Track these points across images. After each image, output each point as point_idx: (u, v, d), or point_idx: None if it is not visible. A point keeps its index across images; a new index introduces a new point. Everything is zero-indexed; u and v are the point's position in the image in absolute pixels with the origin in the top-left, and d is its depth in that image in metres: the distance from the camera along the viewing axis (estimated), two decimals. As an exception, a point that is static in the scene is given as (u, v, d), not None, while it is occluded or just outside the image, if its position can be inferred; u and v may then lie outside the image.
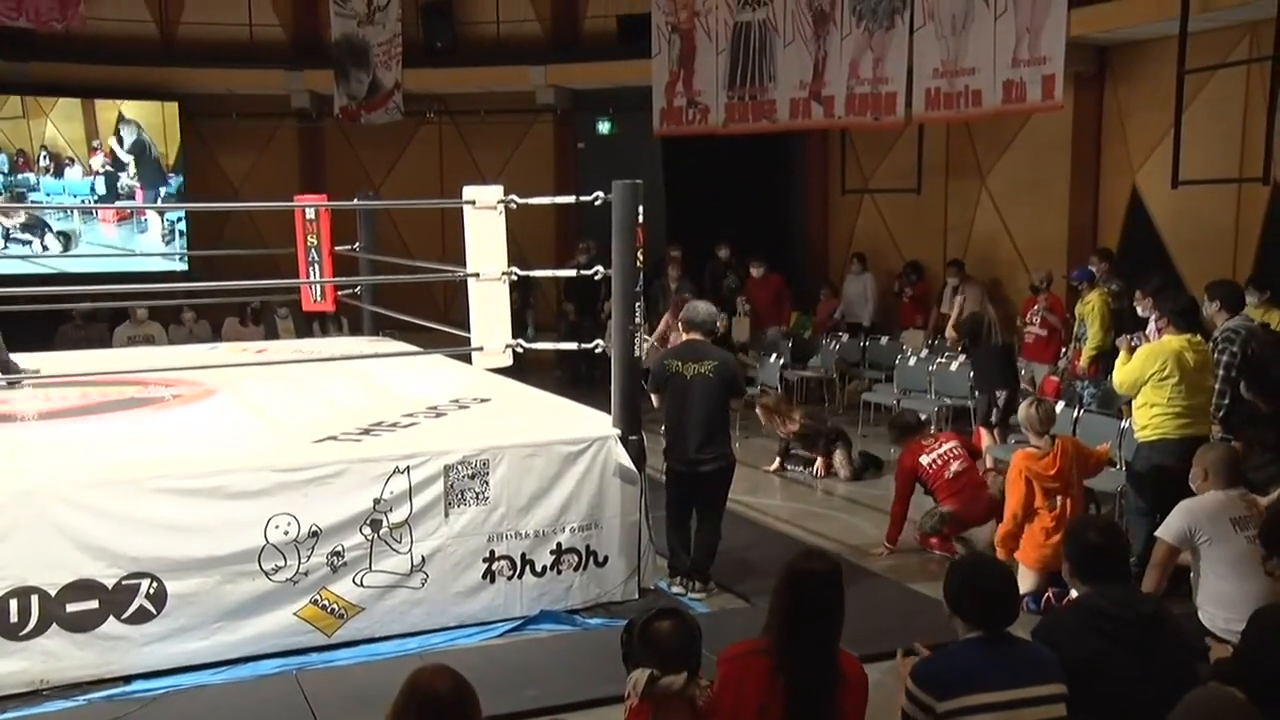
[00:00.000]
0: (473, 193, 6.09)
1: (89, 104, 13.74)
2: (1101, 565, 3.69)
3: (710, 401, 6.04)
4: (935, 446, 7.02)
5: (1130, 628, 3.51)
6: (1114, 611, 3.54)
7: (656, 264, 12.16)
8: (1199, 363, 6.15)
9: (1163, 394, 6.08)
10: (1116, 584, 3.68)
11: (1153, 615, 3.58)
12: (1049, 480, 6.08)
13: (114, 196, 13.78)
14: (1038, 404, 6.34)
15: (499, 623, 5.60)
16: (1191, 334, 6.21)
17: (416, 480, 5.40)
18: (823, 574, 3.32)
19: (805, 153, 14.02)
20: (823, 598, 3.28)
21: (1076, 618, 3.61)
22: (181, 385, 7.15)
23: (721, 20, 12.50)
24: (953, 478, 6.88)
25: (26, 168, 13.48)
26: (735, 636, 3.61)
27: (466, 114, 14.84)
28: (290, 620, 5.21)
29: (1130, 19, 9.68)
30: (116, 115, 13.86)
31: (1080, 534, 3.81)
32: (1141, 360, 6.17)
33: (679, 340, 9.61)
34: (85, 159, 13.68)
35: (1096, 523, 4.02)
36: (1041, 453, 6.15)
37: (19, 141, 13.47)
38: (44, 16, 12.97)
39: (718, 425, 6.10)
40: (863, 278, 12.72)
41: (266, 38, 14.40)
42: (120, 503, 4.94)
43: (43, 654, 4.81)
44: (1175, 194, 9.59)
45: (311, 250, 8.72)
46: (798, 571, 3.33)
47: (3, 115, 13.37)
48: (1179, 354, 6.08)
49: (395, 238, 13.37)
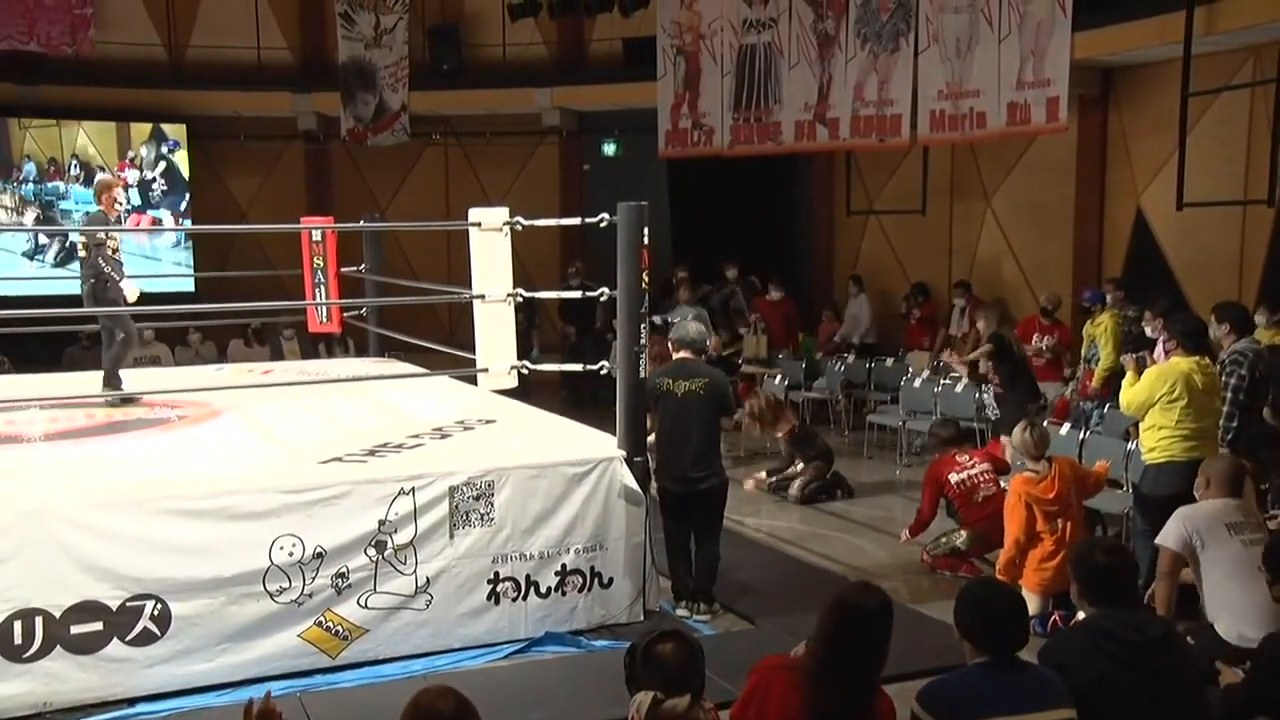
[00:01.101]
0: (478, 214, 6.10)
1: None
2: (1110, 587, 3.67)
3: (702, 419, 6.03)
4: (967, 466, 7.03)
5: (1138, 650, 3.48)
6: (1122, 634, 3.51)
7: (664, 285, 12.20)
8: (1207, 385, 6.12)
9: (1170, 416, 6.05)
10: (1125, 606, 3.65)
11: (1161, 638, 3.55)
12: (1048, 504, 6.05)
13: (145, 206, 13.85)
14: (1031, 427, 6.30)
15: (504, 644, 5.58)
16: (1200, 356, 6.19)
17: (421, 501, 5.39)
18: (873, 613, 3.23)
19: (810, 174, 14.06)
20: (870, 637, 3.21)
21: (1083, 640, 3.58)
22: (187, 406, 7.15)
23: (726, 43, 12.57)
24: (981, 502, 6.90)
25: (57, 176, 13.57)
26: (740, 658, 3.60)
27: (472, 135, 14.91)
28: (294, 642, 5.19)
29: (1134, 42, 9.72)
30: (150, 128, 13.96)
31: (1088, 556, 3.78)
32: (1150, 382, 6.15)
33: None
34: (114, 170, 13.76)
35: (1104, 544, 3.98)
36: (1039, 476, 6.12)
37: (50, 150, 13.57)
38: (55, 41, 13.10)
39: (709, 443, 6.09)
40: (859, 299, 12.76)
41: (274, 60, 14.50)
42: (125, 523, 4.94)
43: (46, 676, 4.80)
44: (1180, 216, 9.60)
45: (318, 272, 8.73)
46: (847, 606, 3.25)
47: (36, 124, 13.48)
48: (1188, 376, 6.06)
49: (401, 259, 13.41)
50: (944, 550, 6.92)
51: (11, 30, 12.92)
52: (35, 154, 13.55)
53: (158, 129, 14.04)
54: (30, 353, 10.94)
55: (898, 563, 7.17)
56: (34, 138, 13.50)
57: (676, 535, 6.16)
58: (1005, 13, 10.12)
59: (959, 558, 6.92)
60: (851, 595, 3.30)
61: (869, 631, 3.21)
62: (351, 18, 14.10)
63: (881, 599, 3.29)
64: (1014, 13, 10.04)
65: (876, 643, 3.23)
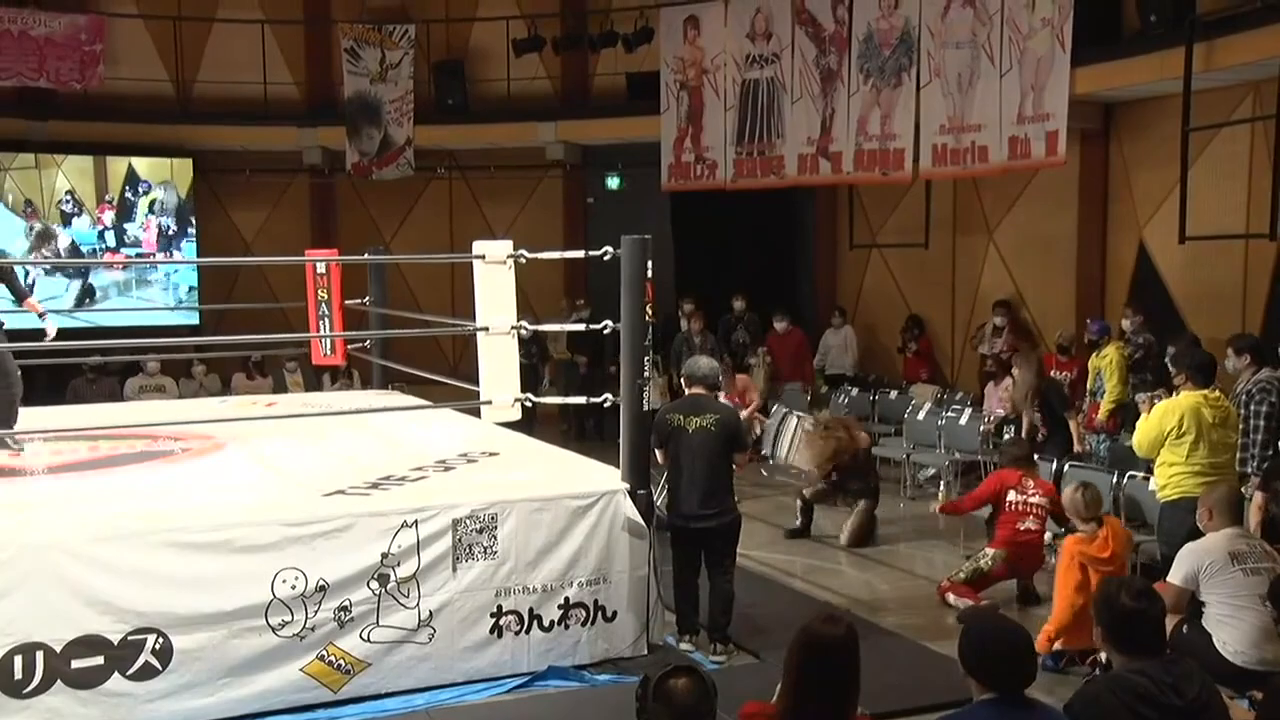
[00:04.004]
0: (482, 247, 6.13)
1: (100, 158, 13.89)
2: (1136, 632, 3.48)
3: (712, 456, 5.95)
4: (1026, 492, 7.00)
5: (1175, 716, 3.31)
6: (1160, 697, 3.32)
7: (667, 319, 12.22)
8: (1219, 418, 6.02)
9: (1180, 452, 5.98)
10: (1152, 654, 3.45)
11: (1197, 698, 3.36)
12: (1103, 564, 5.82)
13: (120, 247, 13.86)
14: (1084, 489, 6.10)
15: (507, 678, 5.54)
16: (1209, 389, 6.12)
17: (424, 534, 5.37)
18: (837, 640, 3.21)
19: (813, 208, 14.10)
20: (836, 665, 3.19)
21: (1117, 698, 3.35)
22: (191, 439, 7.15)
23: (729, 78, 12.67)
24: (1022, 530, 6.88)
25: (34, 218, 13.58)
26: (746, 694, 3.56)
27: (477, 169, 14.99)
28: (296, 676, 5.16)
29: (1134, 77, 9.78)
30: (126, 168, 14.00)
31: (1114, 598, 3.54)
32: (1158, 418, 6.09)
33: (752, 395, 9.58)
34: (94, 211, 13.81)
35: (1129, 585, 3.66)
36: (1091, 536, 5.95)
37: (29, 192, 13.60)
38: (64, 77, 13.22)
39: (720, 480, 6.00)
40: (842, 330, 12.78)
41: (280, 95, 14.61)
42: (127, 556, 4.92)
43: (47, 712, 4.76)
44: (1182, 249, 9.62)
45: (322, 304, 8.76)
46: (811, 636, 3.23)
47: (15, 165, 13.51)
48: (1196, 410, 5.99)
49: (405, 292, 13.43)
50: (967, 574, 6.86)
51: (21, 66, 13.04)
52: (15, 195, 13.46)
53: (131, 171, 14.01)
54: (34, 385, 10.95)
55: (904, 596, 7.13)
56: (14, 180, 13.43)
57: (683, 572, 6.06)
58: (1006, 48, 10.21)
59: (978, 582, 6.86)
60: (814, 625, 3.28)
61: (833, 661, 3.19)
62: (357, 53, 14.23)
63: (845, 627, 3.27)
64: (1015, 48, 10.13)
65: (843, 674, 3.20)
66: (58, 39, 13.15)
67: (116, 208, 13.96)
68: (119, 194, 13.97)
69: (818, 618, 3.37)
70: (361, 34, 14.25)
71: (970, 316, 12.23)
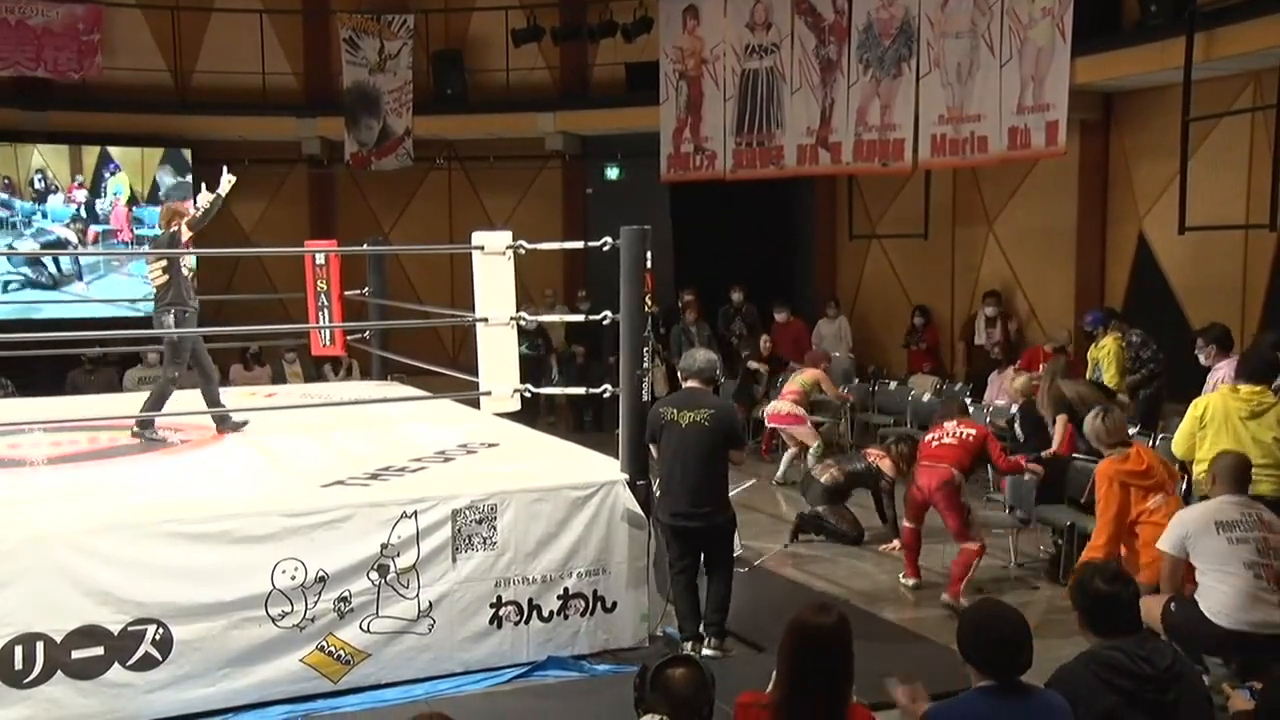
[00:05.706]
0: (482, 238, 6.13)
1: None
2: (1110, 615, 3.58)
3: (705, 452, 5.65)
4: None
5: (1149, 684, 3.43)
6: (1131, 667, 3.44)
7: (668, 309, 12.22)
8: (1247, 413, 5.82)
9: (1203, 448, 5.85)
10: (1127, 635, 3.56)
11: (1169, 669, 3.49)
12: (1142, 478, 5.46)
13: (93, 220, 13.86)
14: (1105, 414, 5.73)
15: (506, 669, 5.55)
16: (1258, 385, 5.86)
17: (424, 525, 5.38)
18: (829, 630, 3.23)
19: (813, 198, 14.10)
20: (829, 655, 3.21)
21: (1093, 672, 3.49)
22: (190, 430, 7.16)
23: (729, 68, 12.64)
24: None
25: (13, 193, 13.55)
26: (744, 684, 3.58)
27: (476, 160, 14.97)
28: (296, 666, 5.17)
29: (1134, 67, 9.77)
30: (98, 154, 13.95)
31: (1087, 583, 3.65)
32: (1188, 414, 5.99)
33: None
34: (65, 190, 13.78)
35: (1104, 570, 3.74)
36: (1124, 456, 5.56)
37: (5, 169, 13.56)
38: (62, 67, 13.21)
39: (713, 478, 5.71)
40: (837, 320, 12.78)
41: (279, 86, 14.58)
42: (127, 548, 4.93)
43: (47, 702, 4.77)
44: (1182, 240, 9.62)
45: (321, 295, 8.77)
46: (802, 626, 3.25)
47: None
48: (1223, 404, 5.86)
49: (404, 283, 13.45)
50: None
51: (19, 56, 13.02)
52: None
53: (104, 153, 13.98)
54: (34, 376, 10.97)
55: (900, 584, 7.13)
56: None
57: (681, 573, 5.75)
58: (1006, 38, 10.20)
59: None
60: (805, 615, 3.31)
61: (825, 650, 3.21)
62: (356, 43, 14.20)
63: (837, 617, 3.29)
64: (1015, 38, 10.12)
65: (837, 661, 3.22)
66: (55, 28, 13.14)
67: (89, 186, 13.93)
68: (91, 176, 13.92)
69: (809, 607, 3.39)
70: (360, 24, 14.22)
71: (970, 307, 12.25)
